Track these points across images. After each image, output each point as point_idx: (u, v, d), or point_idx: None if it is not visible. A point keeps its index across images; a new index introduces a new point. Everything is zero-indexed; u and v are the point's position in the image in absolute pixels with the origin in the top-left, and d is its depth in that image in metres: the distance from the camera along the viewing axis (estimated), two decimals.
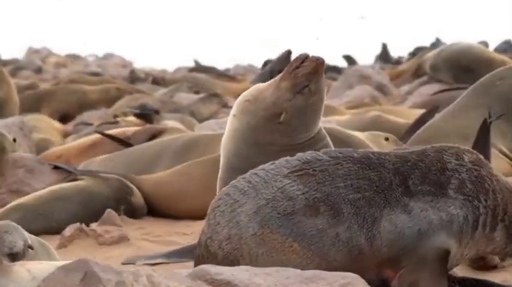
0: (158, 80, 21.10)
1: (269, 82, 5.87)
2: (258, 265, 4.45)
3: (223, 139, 5.95)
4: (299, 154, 4.70)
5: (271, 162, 4.71)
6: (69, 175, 8.02)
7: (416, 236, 4.50)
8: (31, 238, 4.89)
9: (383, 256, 4.51)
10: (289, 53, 26.85)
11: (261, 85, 5.94)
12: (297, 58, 5.77)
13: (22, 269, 4.33)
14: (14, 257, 4.62)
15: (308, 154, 4.66)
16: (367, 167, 4.55)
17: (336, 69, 25.46)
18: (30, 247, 4.77)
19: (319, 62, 5.71)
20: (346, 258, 4.50)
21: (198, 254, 4.68)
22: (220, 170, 5.94)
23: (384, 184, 4.53)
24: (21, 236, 4.74)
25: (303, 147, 5.73)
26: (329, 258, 4.50)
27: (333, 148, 5.80)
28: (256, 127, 5.76)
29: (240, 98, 5.95)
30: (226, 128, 5.95)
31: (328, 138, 5.88)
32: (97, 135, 9.97)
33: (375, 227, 4.48)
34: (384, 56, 28.88)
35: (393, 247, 4.50)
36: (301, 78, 5.68)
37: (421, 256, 4.50)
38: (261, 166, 4.73)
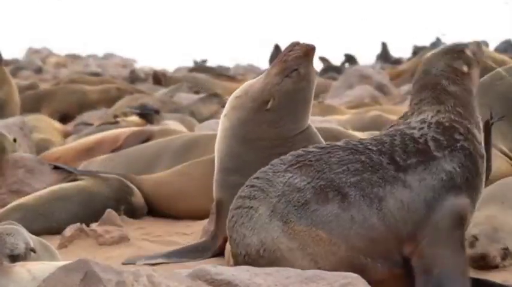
0: (159, 76, 21.07)
1: (260, 75, 5.92)
2: (298, 260, 4.50)
3: (216, 141, 5.98)
4: (290, 152, 4.77)
5: (268, 166, 4.75)
6: (69, 175, 8.01)
7: (424, 207, 4.56)
8: (33, 239, 4.91)
9: (400, 232, 4.55)
10: (276, 47, 26.89)
11: (252, 81, 5.98)
12: (288, 45, 5.82)
13: (22, 269, 4.33)
14: (15, 259, 4.65)
15: (298, 150, 4.75)
16: (355, 151, 4.65)
17: (337, 69, 25.47)
18: (33, 250, 4.79)
19: (309, 47, 5.76)
20: (366, 240, 4.55)
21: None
22: (215, 171, 5.95)
23: (376, 164, 4.61)
24: (24, 239, 4.77)
25: (293, 142, 5.74)
26: (351, 241, 4.54)
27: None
28: (246, 121, 5.79)
29: (231, 96, 5.99)
30: (218, 129, 5.99)
31: (319, 136, 5.89)
32: (95, 138, 9.95)
33: (383, 205, 4.55)
34: (384, 56, 28.88)
35: (407, 222, 4.55)
36: (291, 62, 5.72)
37: (436, 226, 4.55)
38: (258, 171, 4.77)
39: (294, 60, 5.73)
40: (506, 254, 5.36)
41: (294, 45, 5.79)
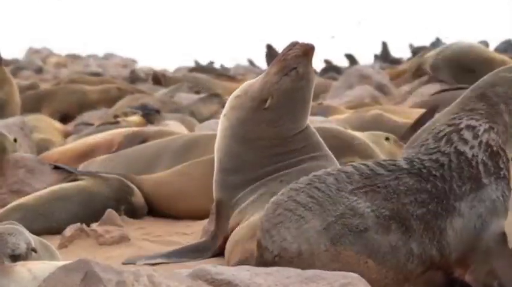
0: (158, 77, 21.06)
1: (260, 75, 5.93)
2: None
3: (216, 141, 5.99)
4: (353, 165, 4.70)
5: (326, 172, 4.70)
6: (69, 175, 8.02)
7: (474, 233, 4.64)
8: (33, 239, 4.91)
9: (451, 260, 4.63)
10: (269, 47, 26.90)
11: (251, 80, 5.99)
12: (287, 45, 5.83)
13: (23, 269, 4.34)
14: (16, 258, 4.66)
15: (363, 167, 4.68)
16: (421, 179, 4.65)
17: (336, 69, 25.47)
18: (34, 250, 4.80)
19: (308, 46, 5.77)
20: (419, 269, 4.59)
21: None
22: (214, 172, 5.96)
23: (441, 194, 4.65)
24: (25, 239, 4.78)
25: (292, 142, 5.75)
26: (404, 271, 4.57)
27: (323, 146, 5.83)
28: (245, 120, 5.79)
29: (230, 96, 6.00)
30: (218, 129, 5.99)
31: (317, 135, 5.89)
32: (89, 143, 9.95)
33: (443, 238, 4.60)
34: (384, 55, 28.87)
35: (458, 250, 4.62)
36: (290, 61, 5.74)
37: (486, 248, 4.64)
38: (317, 176, 4.69)
39: (293, 59, 5.74)
40: None
41: (294, 45, 5.80)
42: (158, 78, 20.94)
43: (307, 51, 5.76)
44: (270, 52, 26.17)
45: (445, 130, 4.84)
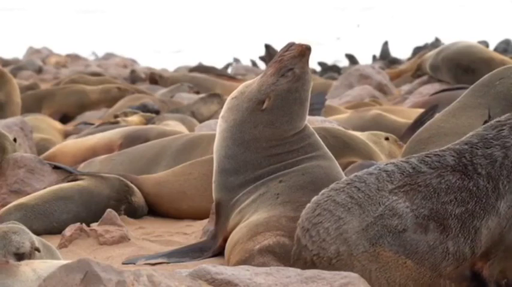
0: (155, 77, 21.04)
1: (258, 76, 5.95)
2: (371, 279, 4.51)
3: (215, 142, 6.00)
4: (394, 162, 4.70)
5: (368, 171, 4.69)
6: (69, 175, 8.02)
7: (502, 232, 4.63)
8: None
9: (477, 253, 4.64)
10: (267, 47, 26.90)
11: (249, 81, 6.00)
12: (284, 46, 5.85)
13: (28, 269, 4.35)
14: (20, 257, 4.69)
15: (406, 165, 4.67)
16: (464, 177, 4.64)
17: (336, 69, 25.47)
18: (37, 250, 4.83)
19: (304, 46, 5.78)
20: (453, 266, 4.60)
21: (299, 266, 4.61)
22: (213, 173, 5.96)
23: (482, 193, 4.63)
24: (29, 238, 4.82)
25: (291, 143, 5.75)
26: (440, 270, 4.58)
27: (322, 145, 5.83)
28: (242, 122, 5.80)
29: (228, 98, 6.02)
30: (216, 131, 6.00)
31: (316, 135, 5.89)
32: (88, 145, 9.95)
33: (477, 237, 4.61)
34: (384, 55, 28.87)
35: (486, 246, 4.63)
36: (286, 61, 5.75)
37: (507, 246, 4.62)
38: (358, 176, 4.70)
39: (290, 60, 5.75)
40: None
41: (290, 46, 5.82)
42: (154, 78, 20.93)
43: (303, 51, 5.77)
44: (269, 52, 26.18)
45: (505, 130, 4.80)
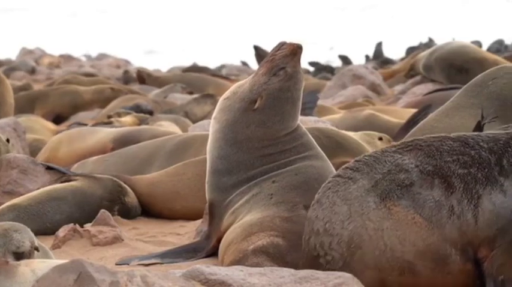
0: (142, 75, 21.02)
1: (249, 77, 5.95)
2: (384, 239, 4.51)
3: (208, 143, 6.00)
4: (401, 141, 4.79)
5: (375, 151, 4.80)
6: (62, 176, 8.01)
7: (509, 217, 4.60)
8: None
9: (483, 234, 4.60)
10: (256, 48, 26.93)
11: (241, 81, 6.01)
12: (276, 45, 5.85)
13: (27, 269, 4.34)
14: (20, 256, 4.67)
15: (409, 139, 4.80)
16: (466, 145, 4.69)
17: (329, 69, 25.49)
18: (37, 249, 4.81)
19: (296, 45, 5.78)
20: (457, 232, 4.57)
21: (312, 244, 4.62)
22: (207, 174, 5.96)
23: (484, 162, 4.65)
24: (29, 237, 4.80)
25: (283, 142, 5.76)
26: (445, 231, 4.57)
27: (315, 145, 5.84)
28: (234, 122, 5.81)
29: (220, 99, 6.02)
30: (209, 132, 6.00)
31: (309, 135, 5.89)
32: (83, 149, 9.93)
33: (479, 204, 4.60)
34: (378, 55, 28.90)
35: (491, 226, 4.59)
36: (278, 61, 5.76)
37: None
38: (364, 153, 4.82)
39: (281, 59, 5.76)
40: None
41: (282, 45, 5.82)
42: (142, 77, 20.91)
43: (295, 50, 5.77)
44: (258, 53, 26.20)
45: None
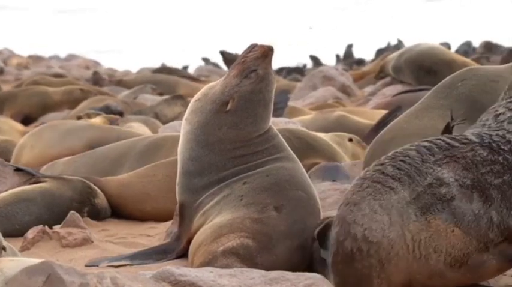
0: (99, 77, 20.98)
1: (220, 79, 5.95)
2: (420, 249, 4.59)
3: (179, 145, 5.99)
4: (429, 140, 4.84)
5: (405, 147, 4.82)
6: (31, 177, 7.96)
7: None
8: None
9: None
10: (222, 53, 26.98)
11: (212, 83, 6.01)
12: (247, 47, 5.85)
13: None
14: None
15: (439, 141, 4.83)
16: (493, 151, 4.82)
17: (299, 71, 25.55)
18: (4, 249, 4.77)
19: (267, 47, 5.79)
20: (498, 239, 4.70)
21: (348, 247, 4.61)
22: (177, 175, 5.95)
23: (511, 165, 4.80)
24: None
25: (254, 143, 5.76)
26: (486, 240, 4.68)
27: (286, 147, 5.84)
28: (206, 124, 5.80)
29: (191, 100, 6.02)
30: (181, 133, 5.99)
31: (280, 137, 5.90)
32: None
33: None
34: (348, 57, 29.02)
35: None
36: (249, 63, 5.76)
37: None
38: (398, 152, 4.81)
39: (253, 61, 5.76)
40: None
41: (253, 47, 5.82)
42: (96, 79, 20.90)
43: (266, 52, 5.78)
44: (225, 57, 26.25)
45: (506, 114, 5.01)
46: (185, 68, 30.15)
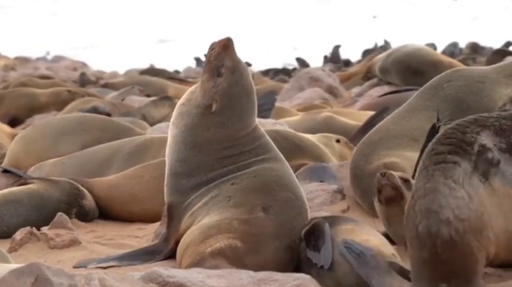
0: (86, 78, 20.94)
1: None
2: (494, 217, 4.71)
3: (167, 147, 6.00)
4: (468, 117, 5.00)
5: (452, 125, 4.94)
6: (19, 179, 7.95)
7: None
8: None
9: None
10: (197, 59, 26.96)
11: (192, 88, 6.03)
12: (208, 49, 5.88)
13: None
14: None
15: (471, 116, 5.01)
16: None
17: (286, 72, 25.56)
18: None
19: (225, 39, 5.81)
20: None
21: (446, 234, 4.62)
22: (165, 176, 5.96)
23: None
24: None
25: (242, 143, 5.79)
26: None
27: (273, 147, 5.87)
28: (193, 127, 5.83)
29: (177, 104, 6.04)
30: (168, 137, 6.01)
31: (267, 136, 5.93)
32: None
33: None
34: (335, 58, 29.03)
35: None
36: (214, 61, 5.79)
37: None
38: (436, 136, 4.93)
39: (216, 59, 5.78)
40: (409, 185, 5.73)
41: (213, 46, 5.85)
42: (84, 80, 20.89)
43: (225, 45, 5.80)
44: (201, 64, 26.24)
45: None
46: (177, 72, 30.18)
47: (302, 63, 28.95)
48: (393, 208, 5.82)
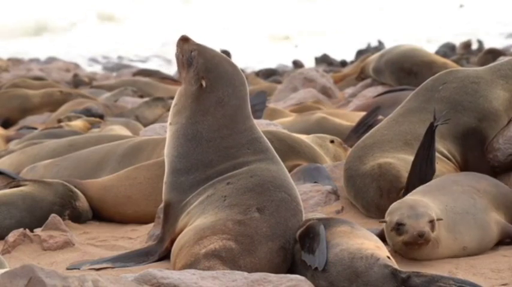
0: (79, 79, 20.96)
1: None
2: None
3: (165, 146, 6.02)
4: None
5: None
6: (12, 180, 7.93)
7: None
8: None
9: None
10: (155, 73, 27.18)
11: (180, 88, 6.13)
12: (175, 56, 6.06)
13: None
14: None
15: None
16: None
17: (280, 73, 25.57)
18: None
19: (181, 36, 6.04)
20: None
21: None
22: (165, 174, 5.96)
23: None
24: None
25: (239, 136, 5.82)
26: None
27: (270, 147, 5.89)
28: (193, 115, 5.96)
29: (171, 106, 6.12)
30: (167, 136, 6.04)
31: (264, 137, 5.96)
32: None
33: None
34: (327, 59, 29.07)
35: None
36: (180, 57, 6.03)
37: None
38: None
39: (181, 52, 5.97)
40: (433, 225, 5.63)
41: (176, 50, 6.06)
42: (77, 81, 20.90)
43: (183, 38, 6.00)
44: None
45: None
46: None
47: (296, 65, 28.96)
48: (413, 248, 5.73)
